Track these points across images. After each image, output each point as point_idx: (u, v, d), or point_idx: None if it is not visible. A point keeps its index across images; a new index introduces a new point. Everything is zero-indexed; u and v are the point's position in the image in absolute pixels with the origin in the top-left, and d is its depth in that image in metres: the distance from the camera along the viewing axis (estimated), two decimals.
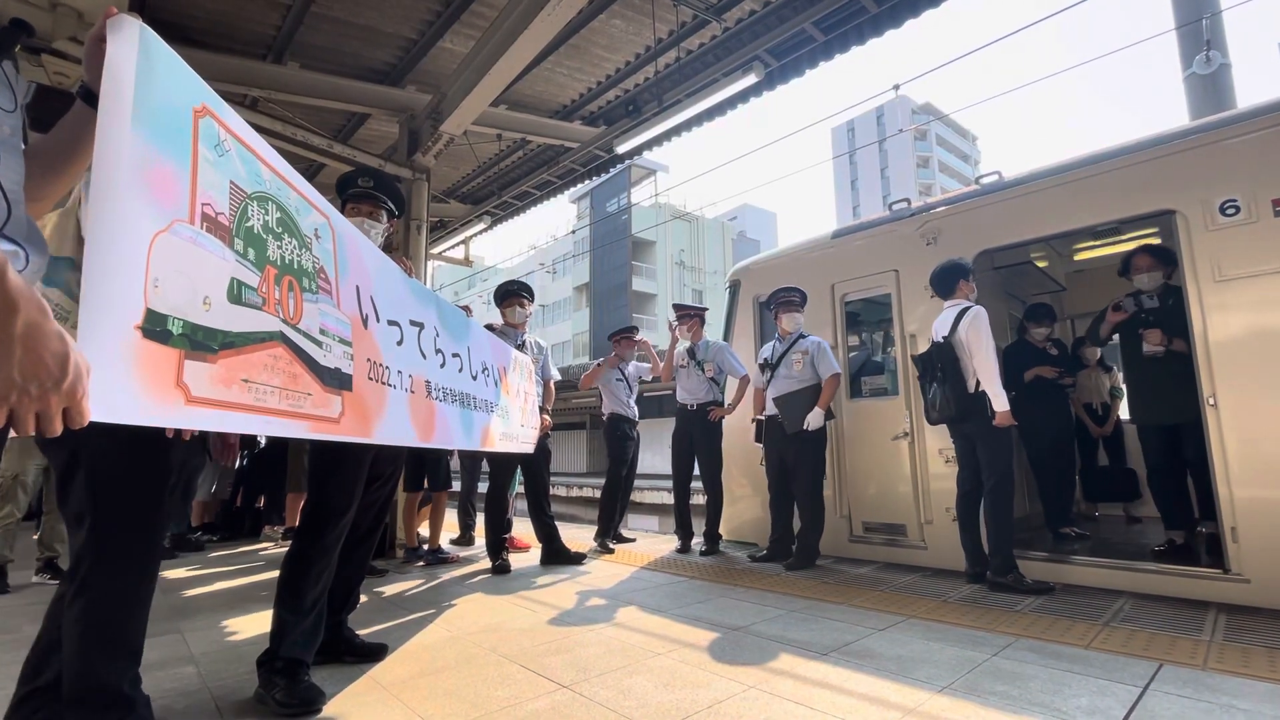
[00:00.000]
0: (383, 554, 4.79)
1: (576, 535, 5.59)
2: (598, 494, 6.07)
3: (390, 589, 3.79)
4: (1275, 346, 2.99)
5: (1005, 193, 4.02)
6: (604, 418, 5.34)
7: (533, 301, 4.56)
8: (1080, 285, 6.02)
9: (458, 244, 9.24)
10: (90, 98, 1.01)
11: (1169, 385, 3.58)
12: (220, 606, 3.34)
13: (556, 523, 4.65)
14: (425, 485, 4.82)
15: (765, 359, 4.62)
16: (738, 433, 4.98)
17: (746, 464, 5.09)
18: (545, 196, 8.16)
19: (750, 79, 5.18)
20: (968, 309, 3.65)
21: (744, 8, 5.06)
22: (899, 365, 4.40)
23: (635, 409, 5.35)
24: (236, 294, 1.22)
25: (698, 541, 4.91)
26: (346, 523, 2.26)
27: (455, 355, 2.52)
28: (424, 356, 2.21)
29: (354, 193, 2.54)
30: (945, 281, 3.81)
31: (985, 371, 3.51)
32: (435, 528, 4.83)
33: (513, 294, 4.45)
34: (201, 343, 1.12)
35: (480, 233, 8.83)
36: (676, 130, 6.02)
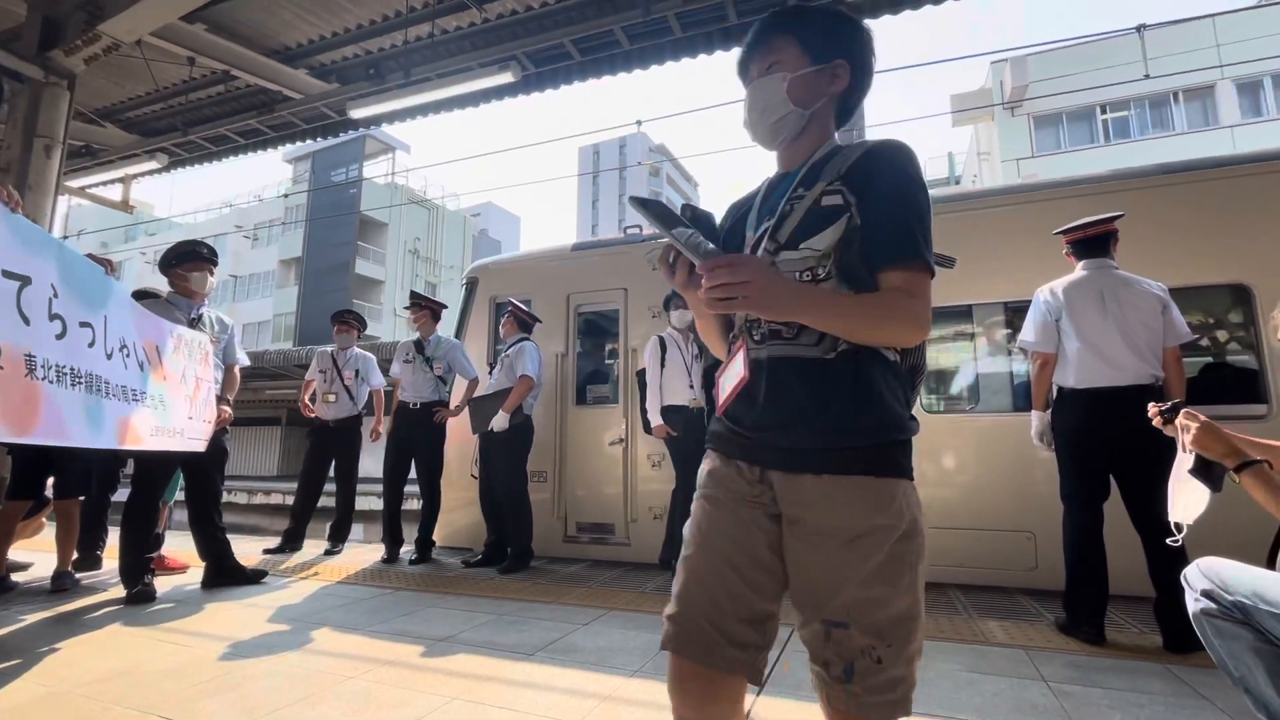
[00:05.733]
0: None
1: (255, 551, 4.74)
2: (289, 501, 5.34)
3: None
4: None
5: None
6: None
7: (216, 268, 3.76)
8: None
9: (114, 181, 7.21)
10: None
11: None
12: None
13: (230, 536, 3.88)
14: (46, 492, 3.70)
15: (490, 364, 4.62)
16: (458, 436, 4.82)
17: (465, 468, 4.95)
18: (251, 148, 6.88)
19: (506, 77, 5.12)
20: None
21: (505, 5, 4.99)
22: (620, 376, 4.76)
23: (339, 409, 4.93)
24: None
25: (408, 549, 4.59)
26: None
27: (85, 325, 1.91)
28: (26, 321, 1.62)
29: None
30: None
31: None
32: (67, 547, 3.67)
33: (196, 257, 3.60)
34: None
35: (151, 173, 7.05)
36: (423, 109, 5.66)
